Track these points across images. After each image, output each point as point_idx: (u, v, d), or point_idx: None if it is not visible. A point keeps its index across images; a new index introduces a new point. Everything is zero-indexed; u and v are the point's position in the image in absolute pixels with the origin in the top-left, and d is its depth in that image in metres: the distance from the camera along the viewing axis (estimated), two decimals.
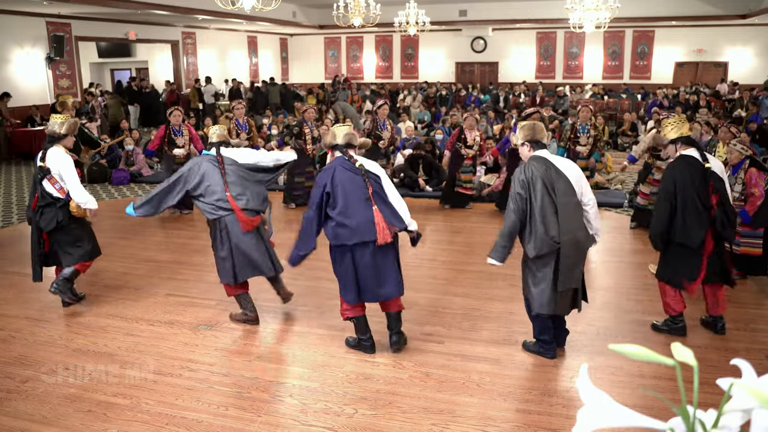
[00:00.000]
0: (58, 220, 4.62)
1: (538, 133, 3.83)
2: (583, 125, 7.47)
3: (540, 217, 3.66)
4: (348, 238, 3.79)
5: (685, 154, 4.04)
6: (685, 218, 3.99)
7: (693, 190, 3.94)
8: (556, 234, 3.64)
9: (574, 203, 3.72)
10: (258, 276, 4.49)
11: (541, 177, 3.68)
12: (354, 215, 3.78)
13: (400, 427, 3.24)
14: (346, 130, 4.05)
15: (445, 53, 22.32)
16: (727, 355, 3.94)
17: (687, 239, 4.00)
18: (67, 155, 4.71)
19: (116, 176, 10.09)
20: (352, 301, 3.92)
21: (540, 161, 3.77)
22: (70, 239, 4.73)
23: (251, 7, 9.11)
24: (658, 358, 0.75)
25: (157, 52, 19.65)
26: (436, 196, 8.73)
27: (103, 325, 4.57)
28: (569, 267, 3.70)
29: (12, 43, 13.37)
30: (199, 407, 3.44)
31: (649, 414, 0.78)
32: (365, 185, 3.84)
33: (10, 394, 3.59)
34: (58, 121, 4.73)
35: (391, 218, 3.87)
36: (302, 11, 19.19)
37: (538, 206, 3.67)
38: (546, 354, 3.96)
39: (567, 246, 3.66)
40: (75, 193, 4.62)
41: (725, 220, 3.96)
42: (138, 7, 12.70)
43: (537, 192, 3.67)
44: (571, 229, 3.68)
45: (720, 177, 4.01)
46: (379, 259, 3.85)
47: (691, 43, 19.68)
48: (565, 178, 3.71)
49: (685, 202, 3.96)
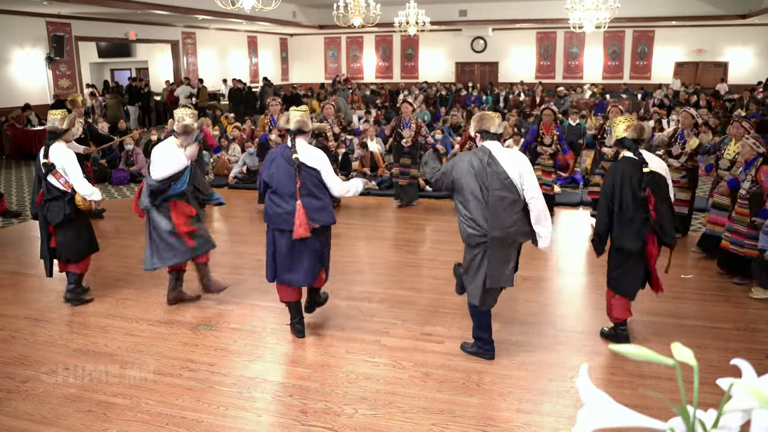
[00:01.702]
0: (65, 213, 4.72)
1: (485, 123, 3.72)
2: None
3: (469, 209, 3.60)
4: (270, 221, 4.08)
5: (627, 156, 3.92)
6: (621, 222, 3.85)
7: (629, 191, 3.81)
8: (483, 227, 3.57)
9: (509, 200, 3.59)
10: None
11: (476, 168, 3.58)
12: (281, 204, 4.00)
13: (400, 427, 3.23)
14: (298, 116, 4.06)
15: (445, 53, 22.33)
16: (727, 355, 3.94)
17: (625, 242, 3.87)
18: (69, 150, 4.80)
19: (116, 176, 10.10)
20: (268, 278, 4.19)
21: (481, 152, 3.65)
22: (73, 233, 4.81)
23: (251, 7, 9.11)
24: (658, 358, 0.75)
25: (157, 52, 19.66)
26: (436, 196, 8.73)
27: (103, 325, 4.57)
28: (499, 264, 3.63)
29: (12, 43, 13.37)
30: (199, 407, 3.44)
31: (649, 414, 0.78)
32: (295, 178, 3.95)
33: (10, 394, 3.59)
34: (58, 117, 4.80)
35: (317, 213, 3.98)
36: (302, 11, 19.19)
37: (469, 197, 3.59)
38: (485, 355, 3.90)
39: (496, 242, 3.58)
40: (79, 186, 4.71)
41: (663, 223, 3.81)
42: (138, 7, 12.70)
43: (466, 182, 3.59)
44: (502, 226, 3.57)
45: (662, 176, 3.87)
46: (296, 246, 4.04)
47: (691, 43, 19.69)
48: (502, 174, 3.57)
49: (620, 204, 3.83)
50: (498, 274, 3.65)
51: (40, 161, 4.75)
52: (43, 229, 4.80)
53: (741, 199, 5.20)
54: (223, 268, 5.73)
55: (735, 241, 5.22)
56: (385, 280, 5.51)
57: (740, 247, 5.17)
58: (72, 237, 4.81)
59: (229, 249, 6.61)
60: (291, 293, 4.21)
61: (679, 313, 4.71)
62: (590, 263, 5.71)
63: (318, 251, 4.11)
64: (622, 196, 3.82)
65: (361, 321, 4.53)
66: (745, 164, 5.22)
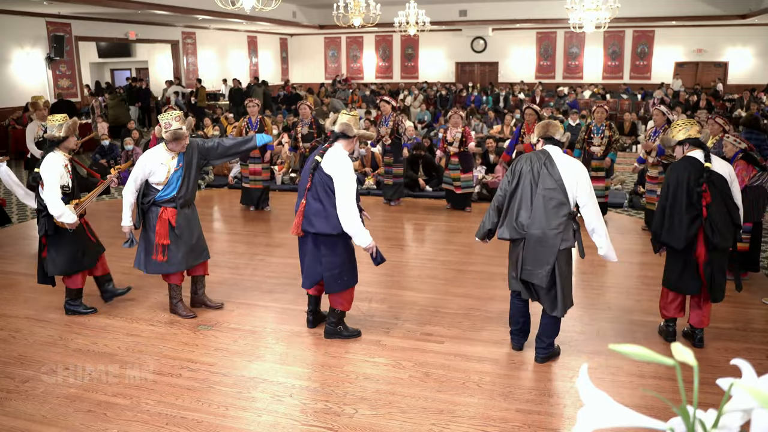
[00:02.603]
0: (46, 227, 4.49)
1: (550, 130, 3.86)
2: (598, 126, 7.35)
3: (516, 202, 3.71)
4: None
5: (689, 155, 3.99)
6: (672, 217, 3.94)
7: (685, 189, 3.87)
8: (523, 224, 3.66)
9: (557, 201, 3.64)
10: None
11: (532, 167, 3.70)
12: (297, 202, 4.12)
13: (400, 427, 3.24)
14: (345, 119, 4.04)
15: (445, 53, 22.32)
16: (727, 355, 3.94)
17: (671, 240, 3.96)
18: (53, 164, 4.45)
19: None
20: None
21: (541, 154, 3.79)
22: (56, 249, 4.57)
23: (251, 7, 9.10)
24: (658, 358, 0.75)
25: (157, 52, 19.65)
26: (436, 196, 8.73)
27: (103, 325, 4.57)
28: (533, 260, 3.68)
29: (12, 43, 13.37)
30: (199, 407, 3.44)
31: (649, 414, 0.78)
32: (308, 178, 4.01)
33: (10, 394, 3.59)
34: (56, 123, 4.50)
35: (316, 218, 3.97)
36: (302, 11, 19.19)
37: (519, 194, 3.71)
38: (512, 344, 4.09)
39: (532, 239, 3.66)
40: (50, 204, 4.39)
41: (712, 223, 3.82)
42: (138, 7, 12.70)
43: (523, 181, 3.71)
44: (543, 225, 3.63)
45: (721, 178, 3.88)
46: (302, 247, 4.19)
47: (691, 43, 19.68)
48: (557, 175, 3.66)
49: (674, 201, 3.92)
50: (532, 269, 3.70)
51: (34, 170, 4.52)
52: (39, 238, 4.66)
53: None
54: (223, 268, 5.74)
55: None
56: (385, 280, 5.51)
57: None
58: (55, 251, 4.56)
59: (229, 249, 6.62)
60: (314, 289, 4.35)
61: None
62: (589, 263, 5.72)
63: (317, 258, 4.09)
64: (677, 194, 3.91)
65: (361, 321, 4.53)
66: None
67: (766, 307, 4.85)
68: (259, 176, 8.05)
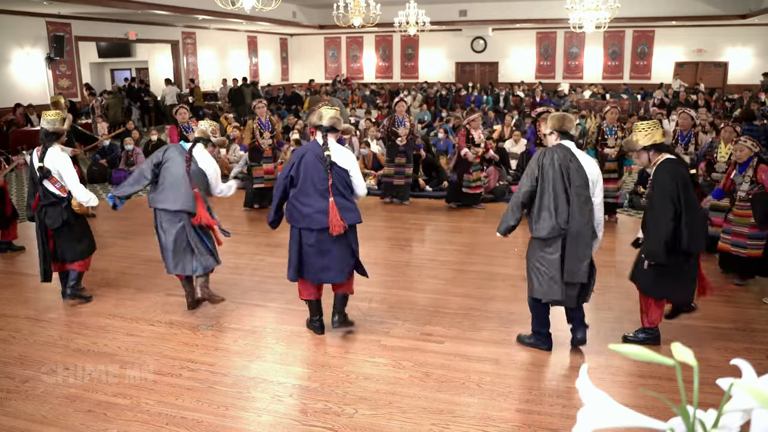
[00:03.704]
0: (64, 218, 4.69)
1: (566, 123, 3.86)
2: (611, 127, 7.25)
3: (550, 201, 3.69)
4: (297, 221, 4.06)
5: (669, 158, 3.85)
6: (690, 222, 3.72)
7: (692, 190, 3.85)
8: (564, 221, 3.67)
9: (585, 197, 3.72)
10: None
11: (559, 163, 3.70)
12: (309, 202, 3.99)
13: (400, 427, 3.23)
14: (332, 113, 4.14)
15: (445, 53, 22.31)
16: (727, 355, 3.94)
17: (692, 246, 3.76)
18: (64, 154, 4.75)
19: (116, 176, 10.08)
20: (291, 277, 4.17)
21: (563, 149, 3.78)
22: (73, 236, 4.79)
23: (251, 7, 9.11)
24: (658, 358, 0.75)
25: (157, 52, 19.64)
26: (436, 196, 8.73)
27: (103, 325, 4.57)
28: (576, 258, 3.71)
29: (12, 43, 13.37)
30: (199, 407, 3.44)
31: (649, 414, 0.78)
32: (326, 176, 3.98)
33: (10, 394, 3.59)
34: (58, 117, 4.72)
35: (345, 212, 4.01)
36: (302, 11, 19.18)
37: (550, 191, 3.69)
38: (542, 346, 4.01)
39: (573, 236, 3.69)
40: (76, 192, 4.68)
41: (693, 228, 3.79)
42: (138, 7, 12.70)
43: (550, 177, 3.70)
44: (579, 221, 3.69)
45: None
46: (326, 245, 4.05)
47: (691, 43, 19.67)
48: (583, 172, 3.72)
49: (687, 204, 3.75)
50: (575, 269, 3.71)
51: (35, 165, 4.64)
52: (40, 232, 4.74)
53: (740, 202, 5.18)
54: (223, 268, 5.72)
55: (736, 242, 5.19)
56: (385, 280, 5.51)
57: (743, 249, 5.15)
58: (73, 239, 4.79)
59: (229, 249, 6.61)
60: (313, 291, 4.24)
61: None
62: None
63: (348, 246, 4.15)
64: (687, 196, 3.73)
65: (361, 321, 4.53)
66: (739, 167, 5.18)
67: (766, 307, 4.85)
68: (272, 175, 8.07)
